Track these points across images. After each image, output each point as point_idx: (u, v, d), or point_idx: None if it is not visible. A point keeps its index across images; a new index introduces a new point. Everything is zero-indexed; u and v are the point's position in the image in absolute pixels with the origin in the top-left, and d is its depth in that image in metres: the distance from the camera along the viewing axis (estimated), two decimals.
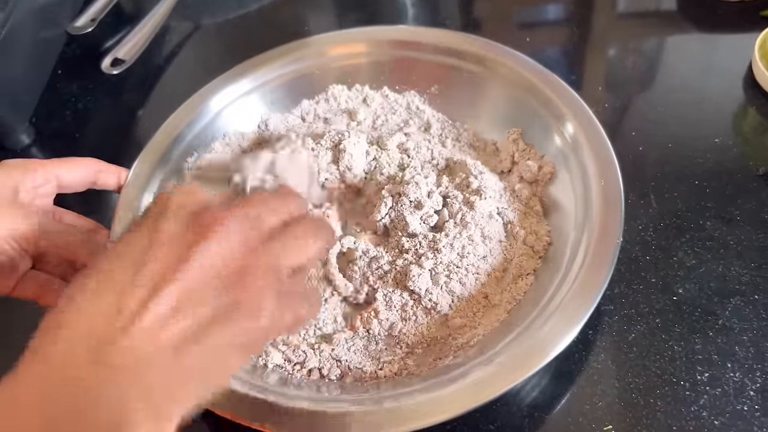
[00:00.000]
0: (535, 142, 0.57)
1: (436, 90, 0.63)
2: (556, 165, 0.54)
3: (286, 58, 0.64)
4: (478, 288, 0.49)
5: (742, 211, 0.54)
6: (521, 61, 0.59)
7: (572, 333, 0.41)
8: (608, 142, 0.51)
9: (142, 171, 0.56)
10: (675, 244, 0.53)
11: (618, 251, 0.45)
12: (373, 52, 0.64)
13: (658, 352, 0.47)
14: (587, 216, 0.48)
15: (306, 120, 0.64)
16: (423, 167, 0.56)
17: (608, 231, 0.46)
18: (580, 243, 0.46)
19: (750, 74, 0.64)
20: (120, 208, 0.53)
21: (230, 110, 0.62)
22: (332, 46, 0.64)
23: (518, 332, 0.43)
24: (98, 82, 0.76)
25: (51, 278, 0.48)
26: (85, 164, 0.51)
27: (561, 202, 0.52)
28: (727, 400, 0.45)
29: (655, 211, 0.55)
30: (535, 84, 0.57)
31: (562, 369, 0.47)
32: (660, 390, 0.46)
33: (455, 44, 0.62)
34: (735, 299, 0.49)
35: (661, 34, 0.72)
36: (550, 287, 0.46)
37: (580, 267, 0.45)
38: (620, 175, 0.49)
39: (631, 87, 0.68)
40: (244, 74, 0.63)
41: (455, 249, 0.49)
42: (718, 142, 0.59)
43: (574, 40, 0.74)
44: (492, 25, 0.79)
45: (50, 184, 0.49)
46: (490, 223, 0.51)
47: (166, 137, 0.58)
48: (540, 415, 0.46)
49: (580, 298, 0.43)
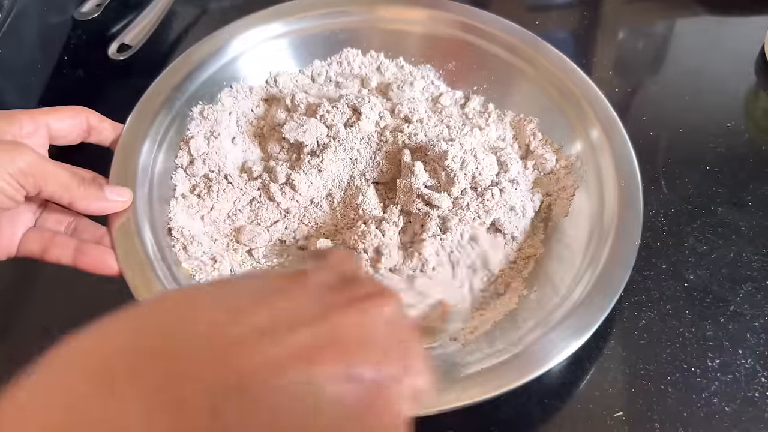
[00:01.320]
0: (554, 136, 0.56)
1: (453, 67, 0.61)
2: (573, 159, 0.54)
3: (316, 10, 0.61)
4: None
5: (754, 197, 0.54)
6: (553, 56, 0.57)
7: (587, 333, 0.42)
8: (630, 144, 0.51)
9: (143, 116, 0.53)
10: (686, 230, 0.53)
11: (636, 253, 0.45)
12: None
13: (669, 338, 0.47)
14: (603, 216, 0.48)
15: (316, 81, 0.62)
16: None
17: (627, 232, 0.46)
18: (594, 242, 0.46)
19: (762, 57, 0.63)
20: (117, 158, 0.50)
21: (246, 58, 0.59)
22: (381, 7, 0.62)
23: (529, 328, 0.43)
24: (105, 68, 0.75)
25: (55, 232, 0.46)
26: (75, 111, 0.47)
27: (575, 199, 0.52)
28: (739, 387, 0.45)
29: (666, 196, 0.55)
30: (561, 78, 0.56)
31: (572, 356, 0.47)
32: (671, 377, 0.46)
33: (481, 24, 0.60)
34: (747, 285, 0.49)
35: (672, 17, 0.72)
36: (562, 285, 0.45)
37: (595, 268, 0.45)
38: (639, 173, 0.49)
39: (642, 71, 0.67)
40: (276, 18, 0.60)
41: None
42: (730, 127, 0.59)
43: (584, 24, 0.73)
44: (501, 6, 0.78)
45: (40, 133, 0.45)
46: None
47: (169, 82, 0.56)
48: (551, 402, 0.46)
49: (597, 299, 0.43)
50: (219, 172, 0.54)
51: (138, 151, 0.51)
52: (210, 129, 0.55)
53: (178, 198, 0.52)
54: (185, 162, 0.53)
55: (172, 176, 0.53)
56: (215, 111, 0.56)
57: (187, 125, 0.55)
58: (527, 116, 0.57)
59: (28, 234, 0.46)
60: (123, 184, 0.48)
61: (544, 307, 0.44)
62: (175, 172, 0.53)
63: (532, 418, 0.45)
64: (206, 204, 0.52)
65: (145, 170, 0.50)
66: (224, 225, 0.52)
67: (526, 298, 0.47)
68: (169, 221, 0.50)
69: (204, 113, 0.55)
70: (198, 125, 0.55)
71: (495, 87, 0.60)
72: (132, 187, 0.48)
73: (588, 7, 0.74)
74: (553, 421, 0.45)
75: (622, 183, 0.48)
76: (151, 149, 0.52)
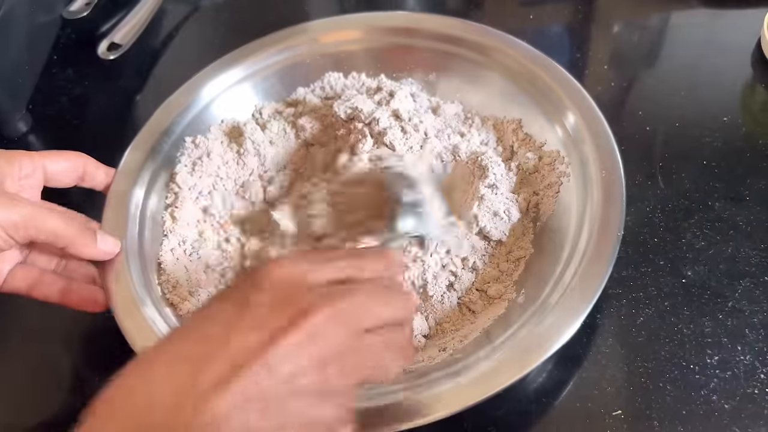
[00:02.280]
0: (535, 133, 0.55)
1: (434, 78, 0.61)
2: (555, 155, 0.53)
3: (279, 45, 0.62)
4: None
5: (751, 191, 0.54)
6: (521, 48, 0.57)
7: (573, 327, 0.41)
8: (610, 131, 0.50)
9: (132, 164, 0.54)
10: (683, 225, 0.52)
11: (619, 244, 0.44)
12: (367, 39, 0.62)
13: (667, 335, 0.47)
14: (588, 208, 0.47)
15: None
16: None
17: (609, 223, 0.45)
18: (580, 235, 0.46)
19: (759, 51, 0.63)
20: (109, 204, 0.52)
21: (222, 100, 0.60)
22: (326, 33, 0.63)
23: (519, 325, 0.42)
24: (95, 68, 0.75)
25: (43, 270, 0.48)
26: (73, 156, 0.50)
27: (561, 195, 0.51)
28: (738, 384, 0.44)
29: (663, 192, 0.54)
30: (535, 72, 0.55)
31: (569, 354, 0.47)
32: (669, 374, 0.45)
33: (453, 30, 0.60)
34: (745, 281, 0.49)
35: (667, 10, 0.71)
36: (550, 280, 0.45)
37: (579, 262, 0.44)
38: (622, 165, 0.48)
39: (637, 65, 0.67)
40: (237, 62, 0.61)
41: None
42: (727, 121, 0.58)
43: (578, 18, 0.72)
44: (495, 2, 0.78)
45: (37, 175, 0.47)
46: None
47: (156, 128, 0.57)
48: (548, 400, 0.45)
49: (580, 293, 0.42)
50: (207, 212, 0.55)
51: (129, 196, 0.53)
52: (199, 156, 0.56)
53: (169, 237, 0.53)
54: (172, 199, 0.55)
55: (162, 216, 0.54)
56: (207, 139, 0.57)
57: (177, 158, 0.56)
58: (508, 117, 0.57)
59: (16, 270, 0.47)
60: (114, 229, 0.50)
61: (530, 307, 0.44)
62: (165, 212, 0.54)
63: (529, 417, 0.45)
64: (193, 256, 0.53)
65: (134, 216, 0.52)
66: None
67: (514, 302, 0.47)
68: (159, 258, 0.52)
69: (196, 141, 0.57)
70: (189, 155, 0.56)
71: (470, 93, 0.60)
72: (123, 231, 0.50)
73: (582, 1, 0.74)
74: (551, 419, 0.45)
75: (603, 174, 0.48)
76: (141, 192, 0.54)
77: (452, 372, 0.41)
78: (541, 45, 0.57)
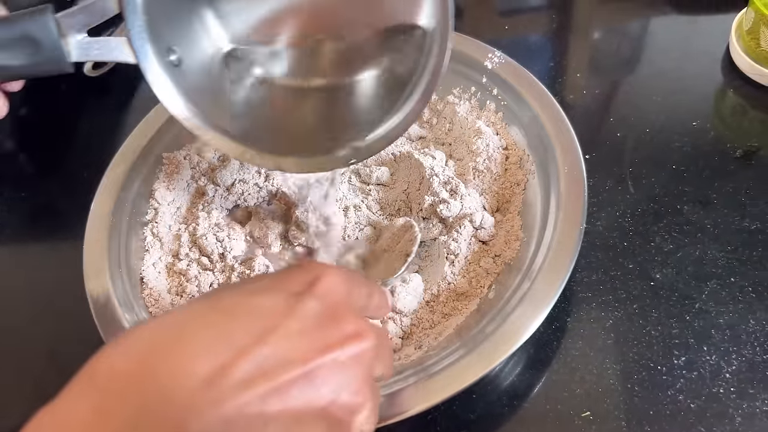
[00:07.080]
0: (498, 128, 0.57)
1: None
2: (521, 154, 0.54)
3: None
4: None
5: (719, 194, 0.55)
6: (474, 45, 0.59)
7: (538, 320, 0.42)
8: (572, 129, 0.51)
9: (116, 177, 0.56)
10: (652, 229, 0.53)
11: (582, 237, 0.45)
12: None
13: (636, 337, 0.48)
14: (551, 203, 0.48)
15: None
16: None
17: (572, 217, 0.46)
18: (544, 230, 0.47)
19: (728, 56, 0.64)
20: (92, 217, 0.53)
21: None
22: None
23: (486, 321, 0.43)
24: (81, 85, 0.76)
25: None
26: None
27: (526, 192, 0.53)
28: (704, 383, 0.45)
29: (633, 197, 0.56)
30: (492, 70, 0.57)
31: (540, 357, 0.48)
32: (637, 375, 0.46)
33: None
34: (712, 282, 0.50)
35: (641, 17, 0.72)
36: (518, 275, 0.46)
37: (545, 255, 0.45)
38: (582, 159, 0.49)
39: (611, 72, 0.68)
40: None
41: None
42: (696, 126, 0.60)
43: (554, 27, 0.74)
44: (473, 11, 0.79)
45: None
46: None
47: (135, 145, 0.58)
48: (519, 403, 0.46)
49: (545, 285, 0.43)
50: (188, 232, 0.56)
51: (109, 214, 0.54)
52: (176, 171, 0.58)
53: (150, 252, 0.54)
54: (152, 215, 0.56)
55: (143, 232, 0.55)
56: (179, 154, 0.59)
57: (156, 174, 0.58)
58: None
59: None
60: (96, 247, 0.52)
61: (497, 303, 0.45)
62: (146, 228, 0.55)
63: (501, 420, 0.46)
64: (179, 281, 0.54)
65: (117, 233, 0.53)
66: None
67: (485, 298, 0.48)
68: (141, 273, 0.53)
69: (171, 158, 0.58)
70: (166, 171, 0.58)
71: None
72: (104, 249, 0.51)
73: (558, 11, 0.75)
74: (522, 422, 0.46)
75: (566, 169, 0.49)
76: (122, 210, 0.55)
77: (421, 369, 0.42)
78: (518, 54, 0.59)
